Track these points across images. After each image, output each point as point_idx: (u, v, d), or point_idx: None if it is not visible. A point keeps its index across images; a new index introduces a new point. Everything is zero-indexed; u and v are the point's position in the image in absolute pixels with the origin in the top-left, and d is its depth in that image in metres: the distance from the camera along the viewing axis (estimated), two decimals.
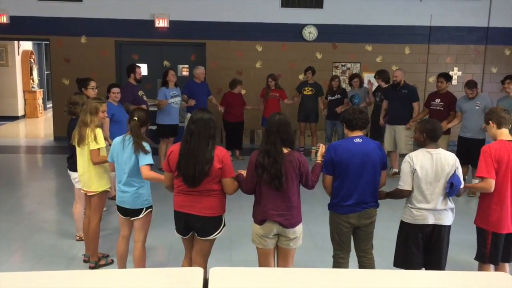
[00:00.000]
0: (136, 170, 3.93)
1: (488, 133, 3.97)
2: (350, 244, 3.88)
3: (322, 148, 3.86)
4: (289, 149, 3.51)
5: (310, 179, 3.59)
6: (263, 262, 3.64)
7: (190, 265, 3.69)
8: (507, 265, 3.88)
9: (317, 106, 9.10)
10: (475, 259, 3.91)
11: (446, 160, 3.64)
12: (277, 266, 3.67)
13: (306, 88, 8.94)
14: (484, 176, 3.70)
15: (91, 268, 4.49)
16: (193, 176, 3.47)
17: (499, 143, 3.75)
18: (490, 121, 3.87)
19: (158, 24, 10.10)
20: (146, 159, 3.88)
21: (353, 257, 3.95)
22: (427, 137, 3.68)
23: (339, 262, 3.86)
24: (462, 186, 3.72)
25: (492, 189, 3.69)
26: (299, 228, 3.59)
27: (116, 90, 6.23)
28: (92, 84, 5.84)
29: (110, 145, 4.30)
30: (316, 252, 4.84)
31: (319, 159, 3.81)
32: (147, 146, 3.94)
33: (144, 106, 6.74)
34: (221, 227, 3.67)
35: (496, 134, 3.85)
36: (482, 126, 4.19)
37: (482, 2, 10.28)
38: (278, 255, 3.68)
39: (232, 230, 5.45)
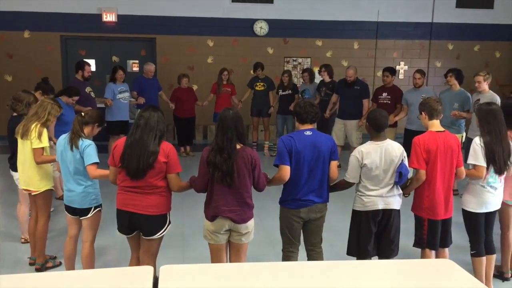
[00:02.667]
0: (83, 168, 3.82)
1: (422, 123, 4.10)
2: (300, 238, 3.93)
3: None
4: (242, 145, 3.50)
5: (261, 178, 3.59)
6: (215, 257, 3.62)
7: (138, 265, 3.62)
8: (446, 250, 4.05)
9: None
10: (414, 245, 4.05)
11: (394, 150, 3.75)
12: (230, 261, 3.66)
13: (258, 84, 8.96)
14: (415, 167, 3.84)
15: (37, 270, 4.34)
16: (136, 167, 3.40)
17: (428, 134, 3.89)
18: (423, 112, 4.00)
19: (106, 18, 9.84)
20: (92, 158, 3.78)
21: (302, 250, 3.99)
22: (371, 127, 3.79)
23: (288, 256, 3.90)
24: (410, 175, 3.84)
25: (424, 178, 3.83)
26: (251, 223, 3.59)
27: (76, 98, 6.17)
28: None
29: (55, 144, 4.17)
30: (269, 246, 4.89)
31: None
32: (91, 144, 3.83)
33: (89, 109, 6.56)
34: (166, 225, 3.62)
35: (427, 124, 3.98)
36: (417, 116, 4.31)
37: None
38: (230, 250, 3.68)
39: (185, 227, 5.42)
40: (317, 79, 8.97)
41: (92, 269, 3.79)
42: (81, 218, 3.96)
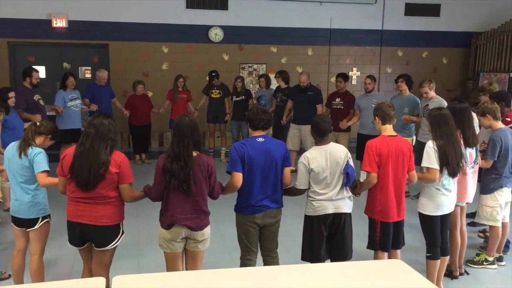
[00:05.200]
0: (31, 176, 3.70)
1: (376, 128, 4.20)
2: (257, 245, 3.93)
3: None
4: (198, 152, 3.48)
5: (216, 186, 3.58)
6: (171, 266, 3.57)
7: (91, 276, 3.52)
8: (398, 251, 4.15)
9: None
10: (367, 247, 4.12)
11: (338, 152, 3.84)
12: (186, 269, 3.63)
13: (213, 91, 8.96)
14: (367, 171, 3.93)
15: None
16: (87, 179, 3.31)
17: (380, 138, 3.99)
18: (376, 117, 4.11)
19: (56, 24, 9.57)
20: (42, 166, 3.66)
21: (258, 255, 4.00)
22: (314, 132, 3.89)
23: (246, 263, 3.90)
24: (363, 178, 3.93)
25: (375, 181, 3.92)
26: (207, 230, 3.58)
27: (11, 94, 5.88)
28: None
29: (2, 154, 4.01)
30: (226, 253, 4.87)
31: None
32: (41, 152, 3.71)
33: (38, 116, 6.36)
34: (119, 236, 3.55)
35: (380, 129, 4.09)
36: (372, 121, 4.43)
37: (376, 6, 10.96)
38: (186, 258, 3.64)
39: (140, 235, 5.34)
40: (274, 85, 9.06)
41: (41, 282, 3.67)
42: (28, 230, 3.82)
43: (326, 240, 3.88)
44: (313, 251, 3.88)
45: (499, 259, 4.82)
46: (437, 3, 11.27)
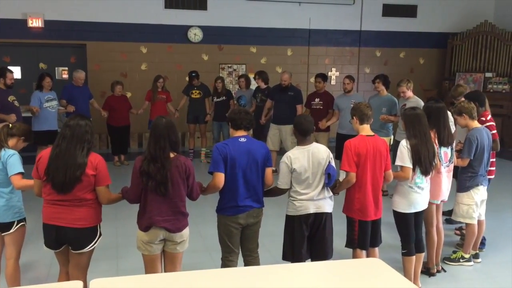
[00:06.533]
0: (5, 180, 3.64)
1: (353, 127, 4.23)
2: (239, 245, 3.93)
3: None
4: (175, 153, 3.46)
5: (195, 187, 3.56)
6: (150, 268, 3.54)
7: (67, 280, 3.47)
8: (376, 249, 4.20)
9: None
10: (346, 246, 4.16)
11: (320, 153, 3.86)
12: (165, 271, 3.60)
13: (193, 91, 8.92)
14: (346, 170, 3.97)
15: None
16: (63, 181, 3.26)
17: (359, 138, 4.03)
18: (354, 117, 4.14)
19: (32, 24, 9.41)
20: (16, 168, 3.60)
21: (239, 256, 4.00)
22: (297, 132, 3.91)
23: (228, 264, 3.89)
24: (342, 177, 3.96)
25: (354, 180, 3.97)
26: (186, 232, 3.55)
27: None
28: None
29: None
30: (206, 254, 4.85)
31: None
32: (15, 154, 3.65)
33: (13, 116, 6.24)
34: (97, 238, 3.50)
35: (358, 129, 4.13)
36: (349, 120, 4.46)
37: (354, 7, 11.06)
38: (165, 260, 3.61)
39: (119, 238, 5.28)
40: (254, 85, 9.06)
41: (18, 287, 3.61)
42: (3, 234, 3.75)
43: (307, 240, 3.90)
44: (294, 251, 3.89)
45: (475, 256, 4.91)
46: (414, 4, 11.43)
